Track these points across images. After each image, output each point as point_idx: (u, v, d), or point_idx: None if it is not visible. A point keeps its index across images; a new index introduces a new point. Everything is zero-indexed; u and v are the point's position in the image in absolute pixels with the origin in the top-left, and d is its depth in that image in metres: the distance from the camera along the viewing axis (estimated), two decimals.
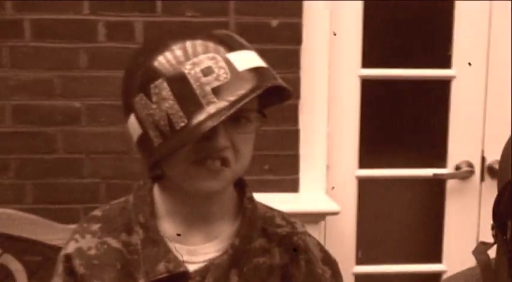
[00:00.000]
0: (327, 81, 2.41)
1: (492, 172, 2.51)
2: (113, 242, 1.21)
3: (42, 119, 2.28)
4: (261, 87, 1.07)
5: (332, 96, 2.43)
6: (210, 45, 1.09)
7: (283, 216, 1.29)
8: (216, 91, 1.04)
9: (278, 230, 1.25)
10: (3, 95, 2.27)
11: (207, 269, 1.17)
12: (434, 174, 2.54)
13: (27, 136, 2.29)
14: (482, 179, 2.55)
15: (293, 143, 2.40)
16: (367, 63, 2.48)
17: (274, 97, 1.17)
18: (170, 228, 1.20)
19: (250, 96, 1.06)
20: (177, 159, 1.10)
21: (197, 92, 1.04)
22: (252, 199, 1.25)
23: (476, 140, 2.54)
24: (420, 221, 2.69)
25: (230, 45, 1.10)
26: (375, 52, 2.49)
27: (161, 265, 1.16)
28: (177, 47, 1.08)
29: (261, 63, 1.11)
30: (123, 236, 1.21)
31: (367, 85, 2.50)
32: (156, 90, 1.06)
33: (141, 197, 1.23)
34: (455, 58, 2.50)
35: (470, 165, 2.54)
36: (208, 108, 1.04)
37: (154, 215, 1.20)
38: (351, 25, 2.45)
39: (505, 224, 1.12)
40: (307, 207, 2.31)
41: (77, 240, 1.22)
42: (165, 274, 1.15)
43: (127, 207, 1.24)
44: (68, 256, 1.22)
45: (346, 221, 2.51)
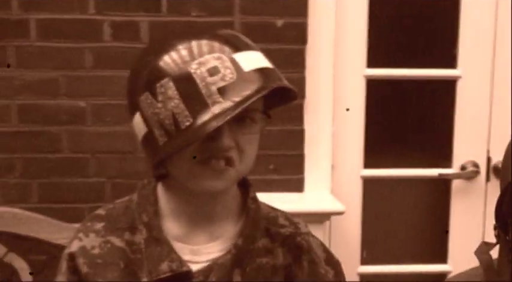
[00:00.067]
0: (332, 81, 2.41)
1: (497, 172, 2.50)
2: (117, 241, 1.21)
3: (47, 118, 2.29)
4: (266, 88, 1.07)
5: (337, 96, 2.43)
6: (216, 45, 1.09)
7: (287, 217, 1.29)
8: (221, 91, 1.04)
9: (281, 230, 1.25)
10: (9, 95, 2.28)
11: (210, 269, 1.17)
12: (440, 174, 2.54)
13: (32, 135, 2.29)
14: (487, 179, 2.55)
15: (298, 143, 2.40)
16: (372, 63, 2.48)
17: (280, 98, 1.17)
18: (174, 228, 1.20)
19: (256, 96, 1.06)
20: (182, 159, 1.10)
21: (203, 91, 1.04)
22: (255, 199, 1.25)
23: (482, 140, 2.54)
24: (425, 221, 2.68)
25: (236, 46, 1.10)
26: (380, 52, 2.49)
27: (164, 264, 1.16)
28: (183, 46, 1.08)
29: (267, 63, 1.11)
30: (127, 235, 1.21)
31: (372, 85, 2.49)
32: (162, 90, 1.06)
33: (144, 196, 1.23)
34: (461, 58, 2.50)
35: (476, 165, 2.53)
36: (213, 108, 1.04)
37: (157, 215, 1.20)
38: (356, 25, 2.44)
39: (507, 224, 1.12)
40: (312, 207, 2.32)
41: (80, 239, 1.23)
42: (168, 273, 1.15)
43: (131, 207, 1.24)
44: (71, 255, 1.22)
45: (351, 220, 2.51)
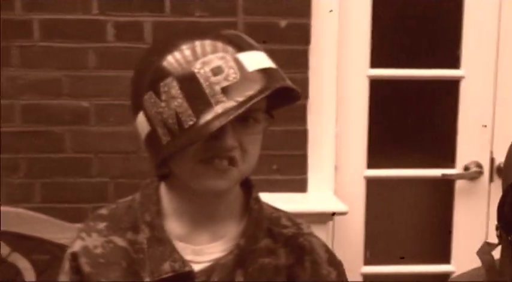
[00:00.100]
0: (335, 82, 2.41)
1: (501, 173, 2.49)
2: (119, 240, 1.21)
3: (50, 118, 2.30)
4: (269, 88, 1.07)
5: (340, 96, 2.43)
6: (219, 45, 1.09)
7: (289, 217, 1.29)
8: (225, 91, 1.04)
9: (284, 230, 1.25)
10: (13, 95, 2.28)
11: (212, 269, 1.17)
12: (443, 175, 2.53)
13: (36, 136, 2.30)
14: (491, 179, 2.54)
15: (301, 143, 2.40)
16: (376, 63, 2.48)
17: (283, 98, 1.17)
18: (176, 228, 1.20)
19: (259, 96, 1.06)
20: (185, 158, 1.10)
21: (206, 91, 1.04)
22: (258, 199, 1.25)
23: (485, 140, 2.53)
24: (428, 222, 2.68)
25: (240, 46, 1.10)
26: (383, 52, 2.49)
27: (167, 264, 1.16)
28: (187, 46, 1.08)
29: (270, 64, 1.11)
30: (129, 234, 1.21)
31: (376, 85, 2.49)
32: (166, 89, 1.06)
33: (147, 196, 1.23)
34: (464, 58, 2.50)
35: (479, 166, 2.53)
36: (216, 108, 1.04)
37: (160, 214, 1.20)
38: (359, 25, 2.44)
39: (510, 224, 1.11)
40: (315, 207, 2.32)
41: (83, 239, 1.23)
42: (171, 273, 1.15)
43: (133, 206, 1.24)
44: (74, 254, 1.22)
45: (355, 221, 2.50)
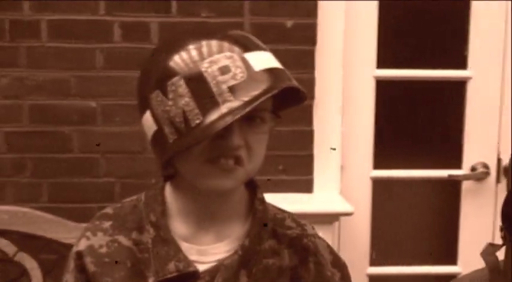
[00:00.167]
0: (341, 82, 2.41)
1: (507, 173, 2.49)
2: (124, 240, 1.21)
3: (58, 118, 2.31)
4: (276, 88, 1.07)
5: (347, 97, 2.43)
6: (227, 45, 1.09)
7: (294, 218, 1.29)
8: (232, 90, 1.05)
9: (288, 231, 1.25)
10: (20, 95, 2.29)
11: (216, 269, 1.17)
12: (450, 176, 2.53)
13: (43, 136, 2.31)
14: (498, 180, 2.52)
15: (307, 144, 2.40)
16: (382, 63, 2.48)
17: (289, 99, 1.17)
18: (181, 228, 1.20)
19: (266, 96, 1.06)
20: (191, 157, 1.10)
21: (214, 90, 1.05)
22: (263, 200, 1.25)
23: (492, 141, 2.52)
24: (435, 223, 2.68)
25: (246, 46, 1.10)
26: (389, 53, 2.49)
27: (171, 264, 1.16)
28: (194, 45, 1.09)
29: (277, 64, 1.12)
30: (134, 234, 1.21)
31: (382, 86, 2.49)
32: (173, 88, 1.07)
33: (152, 196, 1.23)
34: (471, 59, 2.49)
35: (486, 167, 2.52)
36: (223, 107, 1.04)
37: (165, 214, 1.21)
38: (365, 25, 2.44)
39: None
40: (321, 207, 2.32)
41: (88, 238, 1.23)
42: (175, 273, 1.16)
43: (138, 206, 1.24)
44: (79, 253, 1.22)
45: (361, 221, 2.50)
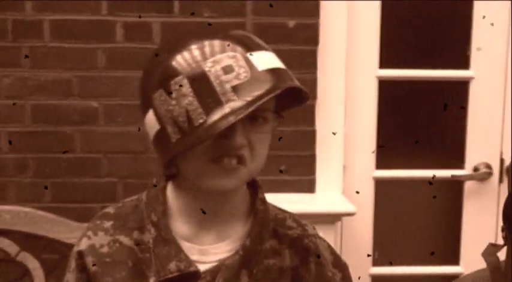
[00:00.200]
0: (344, 82, 2.41)
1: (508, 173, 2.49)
2: (125, 240, 1.21)
3: (60, 118, 2.31)
4: (279, 88, 1.07)
5: (349, 96, 2.43)
6: (230, 44, 1.09)
7: (295, 218, 1.29)
8: (235, 89, 1.05)
9: (289, 231, 1.25)
10: (23, 95, 2.30)
11: (217, 269, 1.17)
12: (452, 176, 2.53)
13: (45, 136, 2.31)
14: (500, 180, 2.52)
15: (310, 144, 2.40)
16: (385, 63, 2.47)
17: (291, 99, 1.17)
18: (182, 228, 1.20)
19: (269, 96, 1.06)
20: (194, 156, 1.10)
21: (217, 89, 1.05)
22: (264, 200, 1.25)
23: (495, 141, 2.52)
24: (438, 223, 2.67)
25: (250, 46, 1.11)
26: (392, 53, 2.49)
27: (172, 264, 1.16)
28: (198, 45, 1.09)
29: (280, 64, 1.12)
30: (136, 234, 1.21)
31: (385, 86, 2.49)
32: (176, 87, 1.07)
33: (153, 196, 1.23)
34: (474, 59, 2.49)
35: (489, 167, 2.51)
36: (227, 106, 1.04)
37: (166, 214, 1.21)
38: (368, 25, 2.44)
39: None
40: (323, 207, 2.32)
41: (89, 237, 1.23)
42: (176, 273, 1.16)
43: (139, 206, 1.24)
44: (80, 253, 1.22)
45: (363, 222, 2.50)
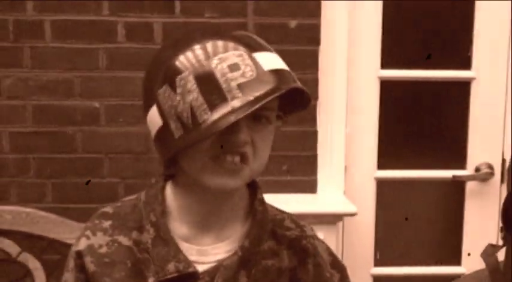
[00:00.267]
0: (345, 82, 2.41)
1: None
2: (124, 240, 1.21)
3: (62, 119, 2.31)
4: (284, 88, 1.08)
5: (351, 97, 2.43)
6: (236, 44, 1.10)
7: (293, 219, 1.28)
8: (241, 87, 1.05)
9: (287, 232, 1.25)
10: (24, 95, 2.30)
11: (216, 270, 1.17)
12: (454, 176, 2.52)
13: (47, 136, 2.31)
14: (502, 180, 2.52)
15: (311, 144, 2.40)
16: (387, 64, 2.47)
17: (293, 103, 1.17)
18: (181, 228, 1.20)
19: (274, 95, 1.06)
20: (196, 153, 1.10)
21: (223, 86, 1.05)
22: (263, 201, 1.25)
23: (496, 141, 2.52)
24: (439, 223, 2.67)
25: (255, 46, 1.11)
26: (394, 53, 2.49)
27: (171, 265, 1.16)
28: (205, 43, 1.09)
29: (284, 66, 1.12)
30: (134, 234, 1.21)
31: (386, 86, 2.49)
32: (182, 83, 1.07)
33: (152, 196, 1.23)
34: (475, 59, 2.49)
35: (490, 167, 2.52)
36: (232, 103, 1.04)
37: (165, 214, 1.21)
38: (370, 26, 2.44)
39: None
40: (324, 208, 2.31)
41: (88, 237, 1.23)
42: (175, 274, 1.16)
43: (138, 205, 1.24)
44: (79, 253, 1.22)
45: (365, 222, 2.50)
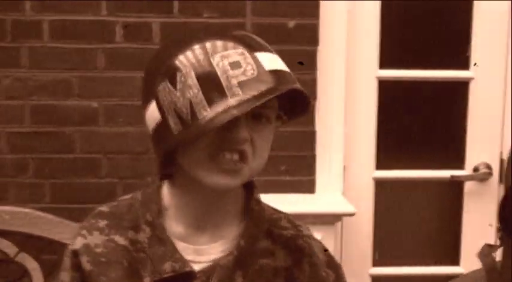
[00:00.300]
0: (344, 82, 2.41)
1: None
2: (120, 239, 1.21)
3: (60, 119, 2.31)
4: (284, 88, 1.08)
5: (349, 97, 2.43)
6: (238, 43, 1.10)
7: (289, 219, 1.28)
8: (241, 85, 1.05)
9: (283, 232, 1.25)
10: (22, 95, 2.30)
11: (212, 269, 1.17)
12: (452, 176, 2.52)
13: (45, 136, 2.31)
14: (500, 180, 2.52)
15: (310, 144, 2.40)
16: (385, 64, 2.47)
17: (292, 105, 1.18)
18: (177, 228, 1.20)
19: (275, 93, 1.07)
20: (195, 151, 1.10)
21: (223, 83, 1.05)
22: (259, 201, 1.25)
23: (495, 141, 2.52)
24: (438, 223, 2.67)
25: (256, 46, 1.11)
26: (392, 53, 2.49)
27: (167, 264, 1.16)
28: (206, 41, 1.09)
29: (285, 67, 1.13)
30: (130, 233, 1.21)
31: (385, 86, 2.49)
32: (182, 79, 1.07)
33: (149, 195, 1.23)
34: (474, 59, 2.48)
35: (489, 167, 2.52)
36: (231, 100, 1.04)
37: (161, 214, 1.21)
38: (368, 26, 2.44)
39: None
40: (323, 208, 2.32)
41: (84, 237, 1.23)
42: (171, 273, 1.16)
43: (134, 205, 1.24)
44: (75, 252, 1.22)
45: (363, 222, 2.50)
